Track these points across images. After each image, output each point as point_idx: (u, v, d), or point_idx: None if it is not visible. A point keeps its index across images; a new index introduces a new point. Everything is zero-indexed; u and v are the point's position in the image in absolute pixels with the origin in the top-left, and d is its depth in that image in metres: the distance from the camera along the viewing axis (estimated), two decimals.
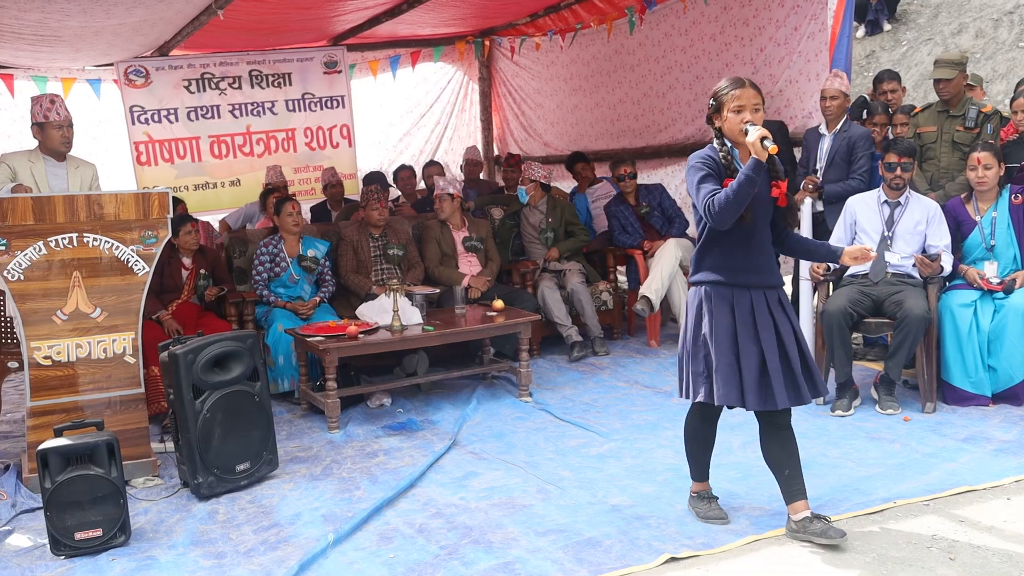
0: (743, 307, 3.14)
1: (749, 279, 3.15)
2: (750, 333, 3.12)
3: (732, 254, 3.14)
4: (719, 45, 6.81)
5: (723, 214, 3.00)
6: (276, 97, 8.40)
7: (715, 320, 3.14)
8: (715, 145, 3.17)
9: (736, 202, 2.97)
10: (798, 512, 3.22)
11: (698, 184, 3.09)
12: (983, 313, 4.67)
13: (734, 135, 3.09)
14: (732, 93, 3.07)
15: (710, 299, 3.17)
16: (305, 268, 5.67)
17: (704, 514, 3.42)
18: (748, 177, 2.95)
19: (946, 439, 4.22)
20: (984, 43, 10.15)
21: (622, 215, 6.59)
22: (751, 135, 2.97)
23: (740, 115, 3.05)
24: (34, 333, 3.99)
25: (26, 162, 4.79)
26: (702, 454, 3.46)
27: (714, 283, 3.17)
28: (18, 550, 3.51)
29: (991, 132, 5.22)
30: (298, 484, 4.07)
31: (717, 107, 3.12)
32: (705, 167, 3.12)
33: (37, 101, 4.84)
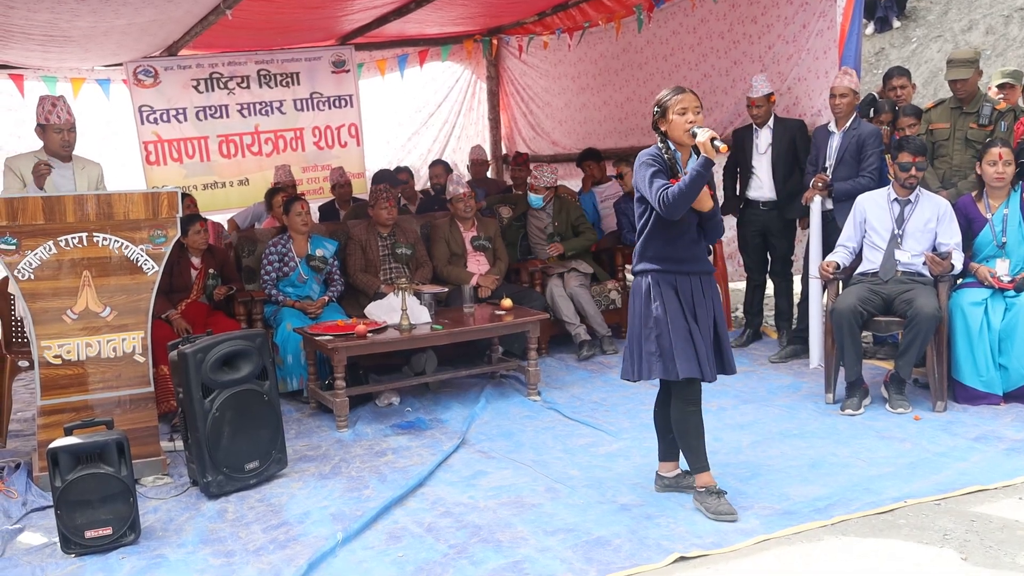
0: (685, 291, 3.45)
1: (687, 267, 3.47)
2: (692, 314, 3.44)
3: (673, 245, 3.45)
4: (727, 43, 6.79)
5: (676, 206, 3.29)
6: (284, 96, 8.41)
7: (666, 302, 3.42)
8: (659, 146, 3.47)
9: (689, 195, 3.27)
10: (670, 471, 3.71)
11: (650, 178, 3.37)
12: (994, 311, 4.64)
13: (678, 137, 3.39)
14: (676, 98, 3.39)
15: (658, 285, 3.45)
16: (314, 267, 5.68)
17: (714, 510, 3.40)
18: (699, 173, 3.26)
19: (957, 438, 4.20)
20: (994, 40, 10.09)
21: (631, 213, 6.54)
22: (701, 136, 3.27)
23: (684, 116, 3.36)
24: (44, 332, 4.00)
25: (32, 164, 4.79)
26: (696, 441, 3.52)
27: (659, 271, 3.45)
28: (29, 548, 3.53)
29: (1005, 129, 5.19)
30: (307, 483, 4.08)
31: (662, 112, 3.42)
32: (656, 163, 3.42)
33: (42, 103, 4.85)
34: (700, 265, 3.53)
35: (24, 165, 4.81)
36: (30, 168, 4.77)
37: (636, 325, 3.51)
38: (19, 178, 4.76)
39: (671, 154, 3.45)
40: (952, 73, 5.31)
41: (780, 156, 5.78)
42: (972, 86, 5.28)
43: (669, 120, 3.40)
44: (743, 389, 5.13)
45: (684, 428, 3.51)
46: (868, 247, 4.94)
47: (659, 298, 3.43)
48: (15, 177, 4.77)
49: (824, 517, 3.37)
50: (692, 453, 3.52)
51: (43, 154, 4.85)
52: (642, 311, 3.48)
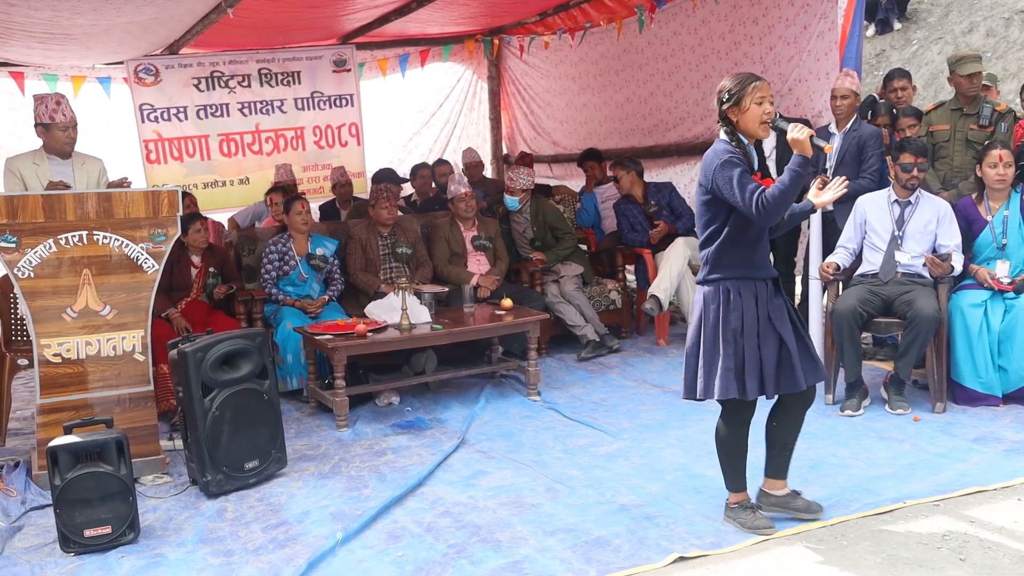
0: (763, 298, 3.19)
1: (764, 272, 3.22)
2: (769, 323, 3.17)
3: (753, 249, 3.19)
4: (728, 44, 6.79)
5: (774, 210, 3.00)
6: (285, 95, 8.41)
7: (746, 314, 3.15)
8: (725, 139, 3.16)
9: (788, 198, 3.00)
10: (779, 489, 3.39)
11: (739, 179, 3.04)
12: (993, 313, 4.64)
13: (752, 128, 3.11)
14: (754, 85, 3.09)
15: (739, 294, 3.16)
16: (314, 266, 5.68)
17: (750, 524, 3.30)
18: (798, 173, 2.98)
19: (956, 439, 4.20)
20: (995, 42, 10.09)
21: (631, 214, 6.57)
22: (796, 133, 3.00)
23: (762, 106, 3.08)
24: (44, 330, 4.00)
25: (31, 164, 4.78)
26: (739, 461, 3.34)
27: (741, 278, 3.17)
28: (28, 547, 3.52)
29: (1005, 131, 5.19)
30: (307, 482, 4.08)
31: (735, 100, 3.10)
32: (740, 161, 3.09)
33: (42, 101, 4.81)
34: (770, 269, 3.27)
35: (24, 165, 4.79)
36: (29, 168, 4.76)
37: (710, 339, 3.19)
38: (19, 179, 4.75)
39: (744, 148, 3.14)
40: (967, 68, 5.31)
41: (784, 158, 5.78)
42: (978, 83, 5.29)
43: (744, 109, 3.09)
44: None
45: (729, 446, 3.33)
46: (868, 248, 4.95)
47: (739, 309, 3.15)
48: (16, 178, 4.75)
49: (823, 518, 3.37)
50: (732, 471, 3.35)
51: (41, 154, 4.83)
52: (719, 324, 3.17)
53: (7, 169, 4.81)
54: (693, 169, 7.40)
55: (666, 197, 6.59)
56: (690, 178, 7.39)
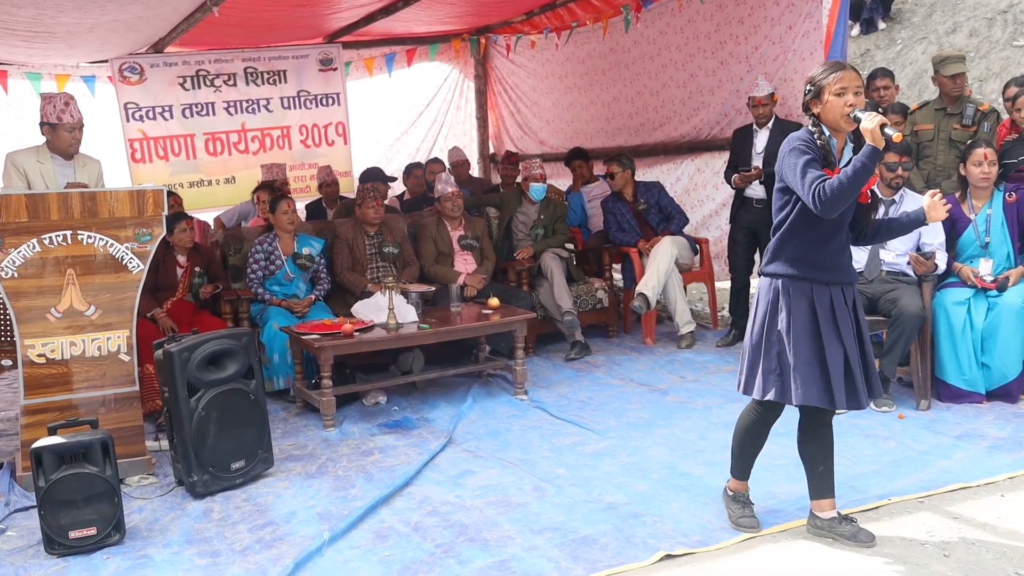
0: (823, 303, 3.04)
1: (829, 275, 3.06)
2: (833, 330, 3.03)
3: (814, 248, 3.04)
4: (714, 43, 6.81)
5: (834, 202, 2.86)
6: (271, 94, 8.38)
7: (793, 316, 3.04)
8: (811, 130, 3.05)
9: (851, 190, 2.86)
10: (825, 511, 3.22)
11: (804, 168, 2.93)
12: (977, 311, 4.68)
13: (834, 121, 2.99)
14: (834, 76, 2.97)
15: (788, 293, 3.05)
16: (300, 266, 5.66)
17: (736, 519, 3.32)
18: (865, 165, 2.84)
19: (940, 436, 4.23)
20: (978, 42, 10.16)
21: (619, 212, 6.59)
22: (868, 122, 2.87)
23: (843, 98, 2.95)
24: (28, 331, 3.98)
25: (34, 161, 4.75)
26: (751, 454, 3.33)
27: (792, 276, 3.06)
28: (12, 549, 3.50)
29: (988, 130, 5.23)
30: (293, 482, 4.07)
31: (816, 92, 3.01)
32: (810, 150, 2.97)
33: (51, 100, 4.76)
34: (843, 274, 3.08)
35: (27, 161, 4.74)
36: (33, 164, 4.72)
37: (758, 334, 3.11)
38: (22, 174, 4.70)
39: (825, 140, 3.01)
40: (951, 68, 5.35)
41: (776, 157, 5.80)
42: (961, 83, 5.33)
43: (824, 101, 2.98)
44: (729, 388, 5.13)
45: (746, 438, 3.30)
46: (858, 248, 4.97)
47: (786, 309, 3.04)
48: (18, 173, 4.70)
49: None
50: (739, 460, 3.34)
51: (45, 152, 4.78)
52: (765, 320, 3.09)
53: (9, 163, 4.75)
54: (679, 168, 7.42)
55: (655, 196, 6.61)
56: (676, 177, 7.41)
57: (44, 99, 4.80)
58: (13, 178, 4.68)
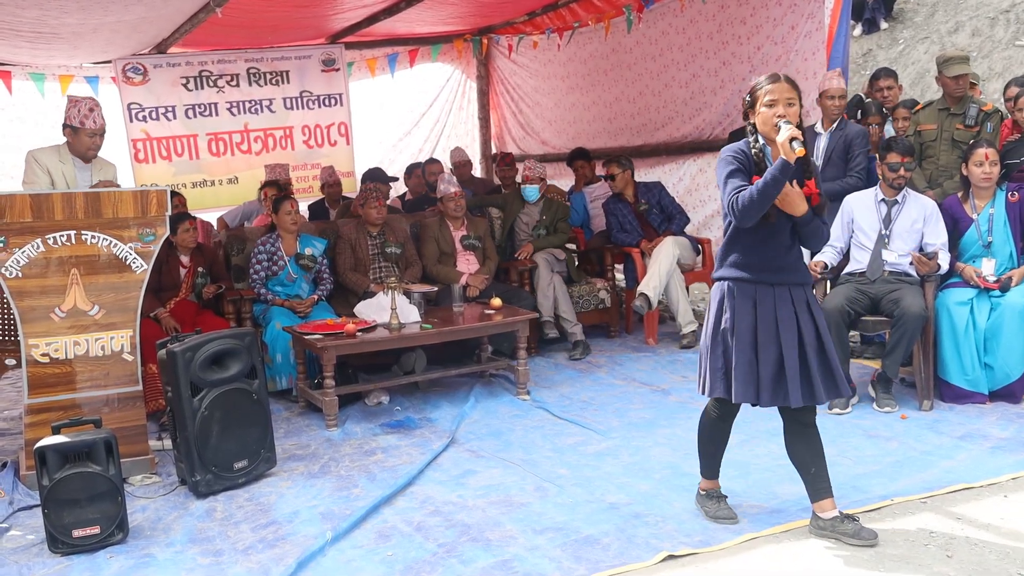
0: (766, 304, 3.11)
1: (773, 277, 3.12)
2: (771, 331, 3.10)
3: (756, 251, 3.12)
4: (716, 43, 6.81)
5: (746, 212, 2.99)
6: (274, 95, 8.40)
7: (737, 316, 3.12)
8: (749, 140, 3.14)
9: (760, 201, 2.96)
10: (826, 511, 3.21)
11: (726, 178, 3.07)
12: (979, 311, 4.68)
13: (767, 131, 3.06)
14: (766, 88, 3.05)
15: (732, 295, 3.15)
16: (303, 266, 5.67)
17: (713, 513, 3.38)
18: (774, 177, 2.93)
19: (943, 437, 4.23)
20: (980, 41, 10.16)
21: (620, 213, 6.59)
22: (781, 134, 2.94)
23: (773, 109, 3.02)
24: (32, 330, 3.99)
25: (57, 161, 4.78)
26: (715, 452, 3.42)
27: (737, 279, 3.15)
28: (16, 547, 3.51)
29: (991, 130, 5.23)
30: (296, 482, 4.07)
31: (752, 102, 3.10)
32: (736, 161, 3.09)
33: (76, 104, 4.80)
34: (788, 275, 3.13)
35: (50, 160, 4.77)
36: (56, 164, 4.74)
37: (707, 335, 3.23)
38: (46, 171, 4.72)
39: (759, 148, 3.09)
40: (954, 69, 5.35)
41: None
42: (964, 85, 5.33)
43: (757, 111, 3.08)
44: None
45: (708, 437, 3.40)
46: (856, 247, 4.97)
47: (731, 310, 3.14)
48: (42, 169, 4.72)
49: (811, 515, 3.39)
50: (706, 459, 3.43)
51: (66, 154, 4.81)
52: (714, 322, 3.20)
53: (32, 159, 4.77)
54: (681, 168, 7.42)
55: (656, 196, 6.61)
56: (678, 177, 7.41)
57: (70, 102, 4.85)
58: (39, 175, 4.71)
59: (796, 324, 3.12)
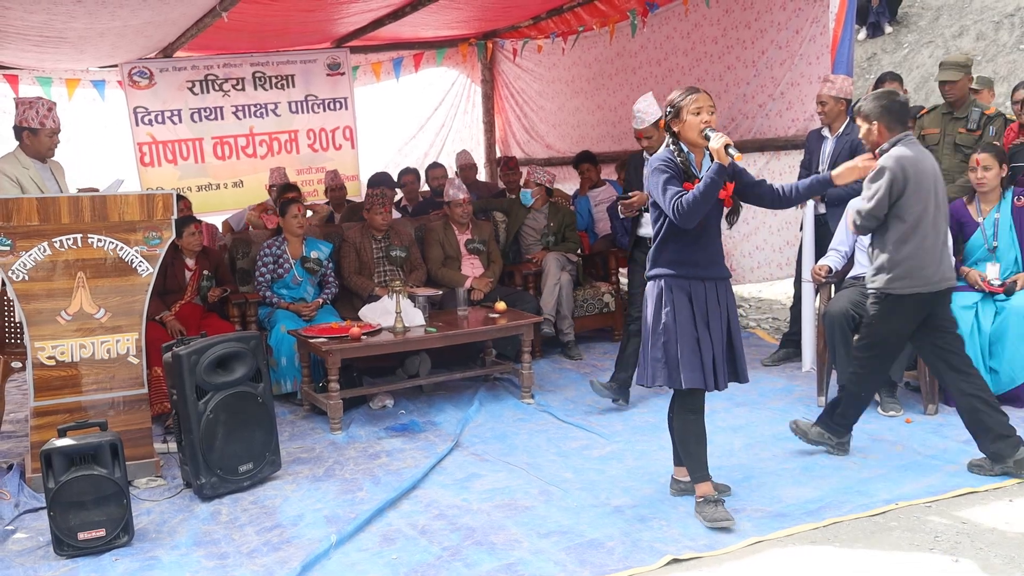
0: (699, 297, 3.39)
1: (703, 272, 3.40)
2: (705, 321, 3.38)
3: (688, 250, 3.38)
4: (721, 48, 6.82)
5: (690, 214, 3.23)
6: (279, 99, 8.42)
7: (676, 310, 3.37)
8: (671, 148, 3.39)
9: (703, 203, 3.22)
10: (685, 476, 3.60)
11: (664, 185, 3.30)
12: (984, 315, 4.67)
13: (693, 138, 3.34)
14: (690, 98, 3.33)
15: (671, 291, 3.39)
16: (308, 270, 5.68)
17: (710, 518, 3.36)
18: (714, 180, 3.22)
19: (948, 441, 4.22)
20: (985, 45, 10.15)
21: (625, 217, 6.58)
22: (715, 141, 3.22)
23: (699, 116, 3.30)
24: (38, 333, 4.00)
25: (20, 167, 4.73)
26: (696, 448, 3.48)
27: (673, 276, 3.39)
28: (22, 550, 3.52)
29: (993, 134, 5.23)
30: (301, 485, 4.08)
31: (676, 113, 3.35)
32: (668, 169, 3.33)
33: (31, 105, 4.74)
34: (716, 270, 3.44)
35: (14, 168, 4.73)
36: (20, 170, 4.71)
37: (647, 331, 3.47)
38: (14, 181, 4.70)
39: (684, 156, 3.38)
40: (942, 75, 5.41)
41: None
42: (961, 90, 5.33)
43: (683, 121, 3.34)
44: (735, 392, 5.11)
45: (685, 435, 3.50)
46: (860, 251, 4.96)
47: (670, 304, 3.37)
48: (10, 180, 4.70)
49: (816, 519, 3.39)
50: (693, 461, 3.49)
51: (24, 157, 4.77)
52: (653, 317, 3.44)
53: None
54: None
55: None
56: None
57: (24, 104, 4.78)
58: (6, 187, 4.66)
59: (721, 315, 3.42)
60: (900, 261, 3.78)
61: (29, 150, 4.79)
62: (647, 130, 4.80)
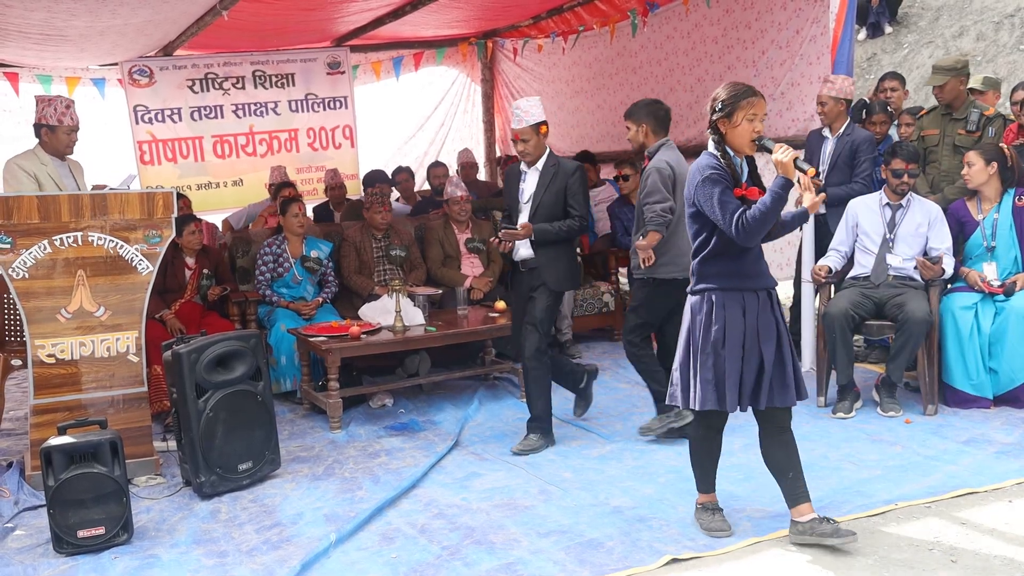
0: (752, 310, 3.16)
1: (755, 282, 3.19)
2: (755, 336, 3.15)
3: (741, 260, 3.16)
4: (721, 48, 6.82)
5: (754, 232, 3.02)
6: (279, 97, 8.41)
7: (728, 326, 3.14)
8: (714, 152, 3.16)
9: (770, 220, 3.02)
10: (803, 515, 3.21)
11: (720, 198, 3.06)
12: (984, 316, 4.68)
13: (740, 144, 3.12)
14: (750, 100, 3.07)
15: (723, 306, 3.15)
16: (308, 269, 5.68)
17: (708, 526, 3.35)
18: (780, 196, 2.99)
19: (947, 441, 4.22)
20: (985, 46, 10.16)
21: (625, 216, 6.59)
22: (781, 154, 3.00)
23: (752, 123, 3.07)
24: (38, 331, 4.00)
25: (39, 164, 4.78)
26: (708, 464, 3.40)
27: (724, 289, 3.16)
28: (21, 547, 3.52)
29: (992, 135, 5.23)
30: (300, 484, 4.08)
31: (727, 113, 3.09)
32: (721, 179, 3.09)
33: (50, 103, 4.80)
34: (765, 280, 3.22)
35: (34, 165, 4.76)
36: (39, 167, 4.74)
37: (694, 348, 3.21)
38: (33, 178, 4.71)
39: (729, 160, 3.14)
40: (929, 80, 5.43)
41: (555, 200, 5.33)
42: (951, 93, 5.33)
43: (735, 124, 3.09)
44: None
45: (700, 451, 3.38)
46: (860, 251, 4.97)
47: (721, 320, 3.15)
48: (29, 176, 4.71)
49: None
50: (700, 473, 3.41)
51: (43, 155, 4.82)
52: (700, 333, 3.19)
53: (14, 168, 4.76)
54: None
55: None
56: None
57: (43, 101, 4.84)
58: (24, 182, 4.70)
59: (775, 326, 3.19)
60: (667, 250, 4.24)
61: (48, 147, 4.83)
62: (524, 131, 4.47)
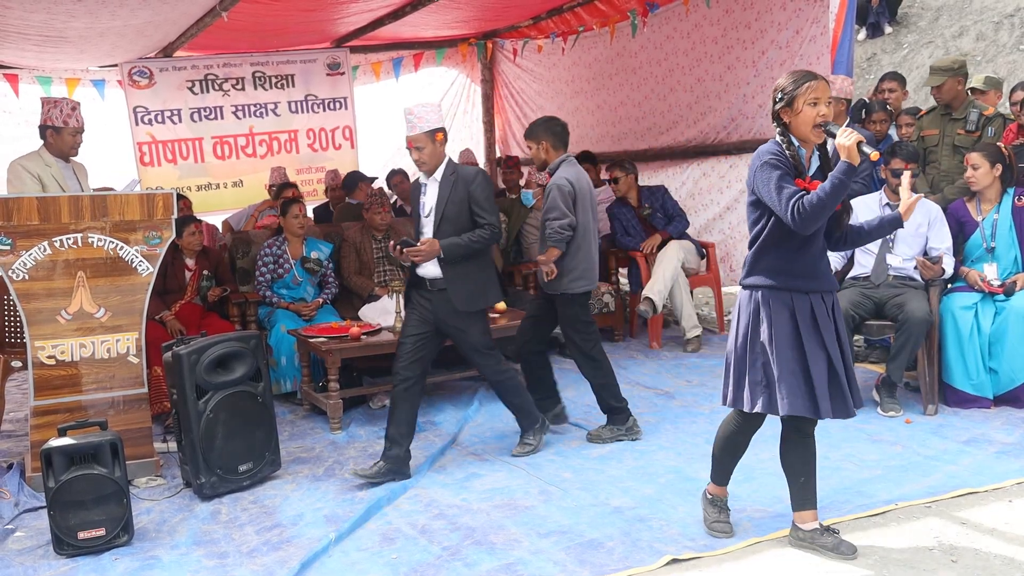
0: (804, 313, 3.02)
1: (809, 284, 3.04)
2: (815, 339, 3.01)
3: (792, 258, 3.02)
4: (721, 48, 6.82)
5: (812, 218, 2.86)
6: (279, 98, 8.42)
7: (775, 326, 3.01)
8: (779, 140, 3.02)
9: (829, 206, 2.87)
10: (806, 522, 3.18)
11: (779, 183, 2.92)
12: (984, 315, 4.67)
13: (804, 131, 2.98)
14: (808, 85, 2.94)
15: (768, 304, 3.03)
16: (308, 270, 5.68)
17: (711, 523, 3.33)
18: (842, 181, 2.83)
19: (948, 441, 4.22)
20: (985, 46, 10.16)
21: (624, 217, 6.60)
22: (844, 138, 2.85)
23: (816, 108, 2.94)
24: (38, 332, 4.01)
25: (43, 165, 4.77)
26: (730, 461, 3.32)
27: (772, 287, 3.03)
28: (21, 549, 3.52)
29: (992, 135, 5.23)
30: (300, 484, 4.08)
31: (788, 102, 2.97)
32: (781, 165, 2.95)
33: (56, 104, 4.78)
34: (822, 282, 3.06)
35: (39, 167, 4.75)
36: (44, 169, 4.73)
37: (741, 346, 3.10)
38: (37, 179, 4.70)
39: (794, 150, 2.99)
40: (927, 80, 5.44)
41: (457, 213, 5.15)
42: (948, 93, 5.34)
43: (797, 111, 2.95)
44: None
45: (727, 446, 3.29)
46: (860, 251, 4.97)
47: (767, 320, 3.02)
48: (33, 178, 4.71)
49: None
50: (718, 466, 3.33)
51: (47, 154, 4.81)
52: (748, 332, 3.07)
53: (19, 170, 4.73)
54: (685, 172, 7.43)
55: (659, 200, 6.62)
56: (682, 181, 7.42)
57: (49, 103, 4.82)
58: (28, 184, 4.69)
59: (836, 331, 3.06)
60: (575, 266, 4.39)
61: (53, 149, 4.81)
62: (418, 139, 4.02)
